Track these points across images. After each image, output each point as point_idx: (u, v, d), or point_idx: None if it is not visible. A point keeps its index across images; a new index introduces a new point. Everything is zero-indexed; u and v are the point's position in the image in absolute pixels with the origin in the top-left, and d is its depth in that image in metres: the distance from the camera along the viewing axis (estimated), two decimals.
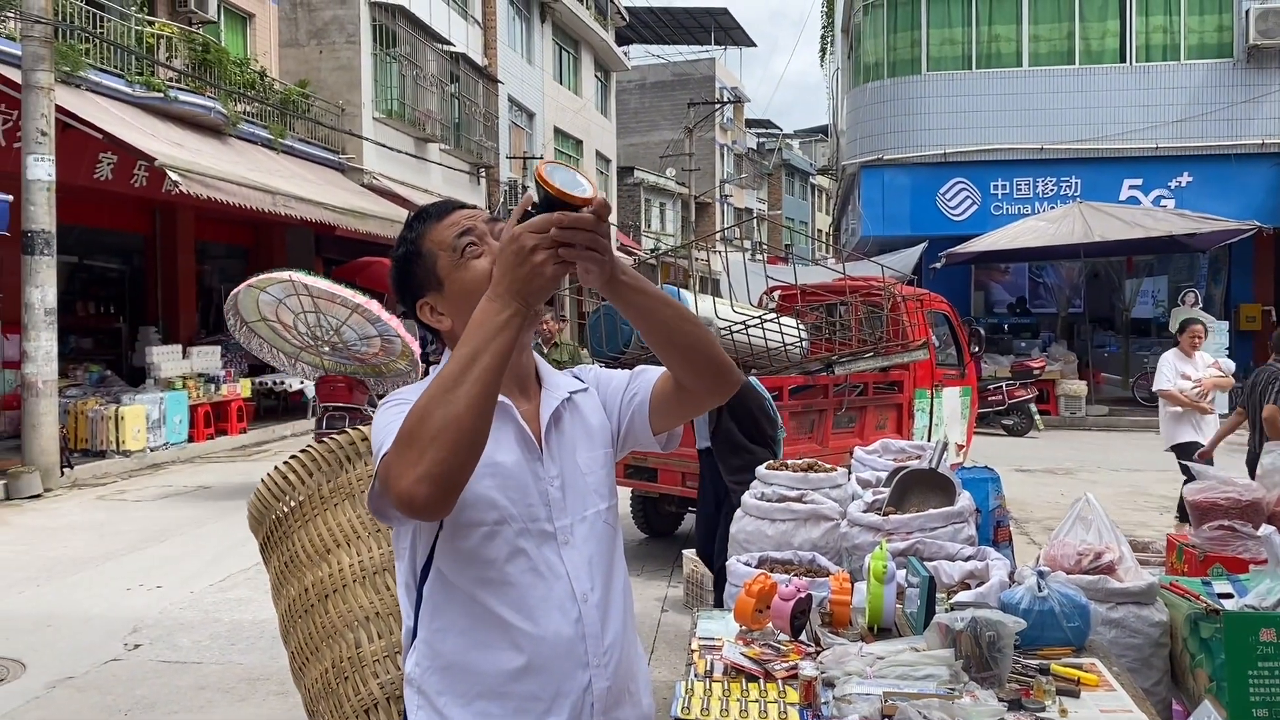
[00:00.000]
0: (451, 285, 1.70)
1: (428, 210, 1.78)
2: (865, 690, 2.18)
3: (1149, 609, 3.14)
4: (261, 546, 2.47)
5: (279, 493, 2.38)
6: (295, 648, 2.36)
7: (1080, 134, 19.68)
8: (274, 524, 2.38)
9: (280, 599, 2.40)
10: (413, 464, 1.40)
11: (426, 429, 1.41)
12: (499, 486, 1.63)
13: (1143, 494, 10.40)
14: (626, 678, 1.74)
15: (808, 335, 8.42)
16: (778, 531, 4.41)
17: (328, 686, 2.24)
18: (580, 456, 1.76)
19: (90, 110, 12.30)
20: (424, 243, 1.73)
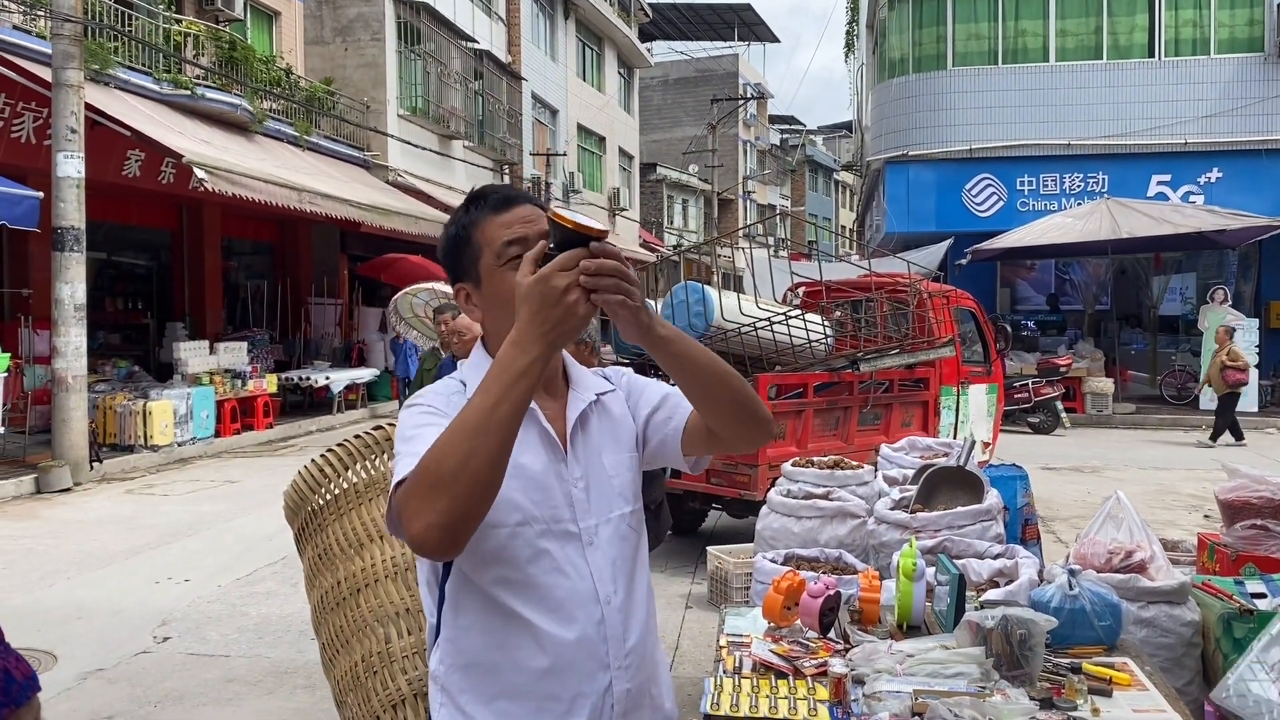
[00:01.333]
0: (488, 286, 1.69)
1: (487, 196, 1.72)
2: (895, 688, 2.17)
3: (1181, 608, 3.11)
4: (296, 537, 2.49)
5: (315, 485, 2.38)
6: (326, 639, 2.38)
7: (1108, 129, 19.51)
8: (310, 515, 2.39)
9: (313, 590, 2.42)
10: (425, 511, 1.40)
11: (441, 475, 1.41)
12: (522, 488, 1.62)
13: (1171, 493, 10.30)
14: (648, 681, 1.73)
15: (832, 332, 8.39)
16: (804, 529, 4.41)
17: (356, 679, 2.26)
18: (606, 459, 1.74)
19: (119, 108, 12.41)
20: (475, 232, 1.69)
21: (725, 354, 7.90)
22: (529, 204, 1.70)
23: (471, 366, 1.73)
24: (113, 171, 12.78)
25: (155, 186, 13.74)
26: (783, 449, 7.10)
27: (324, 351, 18.64)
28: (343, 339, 19.51)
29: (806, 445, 7.26)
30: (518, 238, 1.64)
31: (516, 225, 1.65)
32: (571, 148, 31.04)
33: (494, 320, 1.70)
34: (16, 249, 13.02)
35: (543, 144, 29.28)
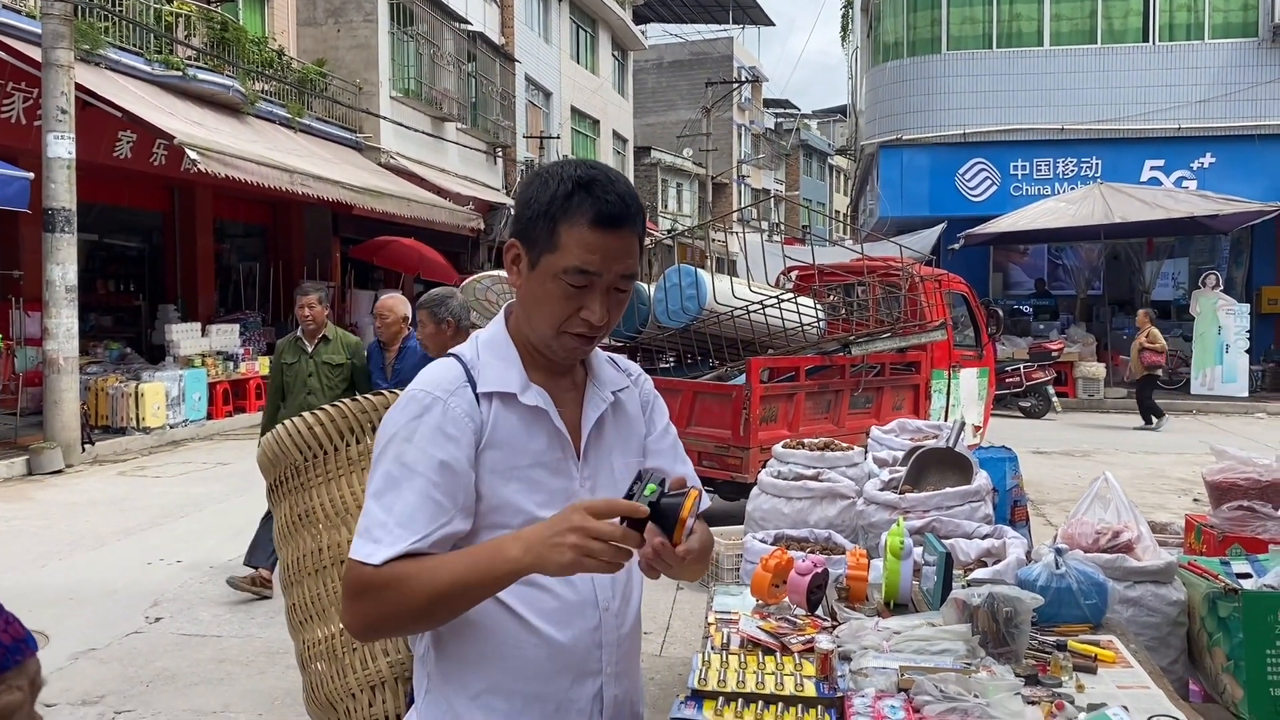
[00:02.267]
0: (538, 275, 1.59)
1: (598, 197, 1.56)
2: (881, 664, 2.19)
3: (1167, 588, 3.13)
4: (271, 488, 2.41)
5: (301, 443, 2.30)
6: (299, 601, 2.32)
7: (1101, 114, 19.50)
8: (291, 471, 2.32)
9: (288, 546, 2.35)
10: (363, 613, 1.53)
11: (393, 604, 1.50)
12: (527, 490, 1.59)
13: (1161, 476, 10.35)
14: (632, 689, 1.73)
15: (825, 315, 8.41)
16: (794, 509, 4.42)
17: (332, 652, 2.21)
18: (616, 461, 1.72)
19: (110, 88, 12.34)
20: (563, 222, 1.56)
21: (718, 337, 7.92)
22: (629, 230, 1.58)
23: (485, 345, 1.66)
24: (104, 153, 12.71)
25: (147, 168, 13.67)
26: (774, 431, 7.13)
27: None
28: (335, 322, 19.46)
29: (798, 428, 7.28)
30: (590, 270, 1.56)
31: (599, 256, 1.56)
32: (565, 131, 30.95)
33: (528, 306, 1.63)
34: (7, 230, 12.95)
35: (536, 127, 29.20)
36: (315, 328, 6.37)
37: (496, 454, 1.58)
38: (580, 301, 1.57)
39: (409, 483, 1.52)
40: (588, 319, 1.58)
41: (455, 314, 4.96)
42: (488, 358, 1.64)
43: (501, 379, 1.61)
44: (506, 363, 1.63)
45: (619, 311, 1.63)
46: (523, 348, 1.65)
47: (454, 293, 5.21)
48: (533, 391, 1.62)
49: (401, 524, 1.51)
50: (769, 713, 2.02)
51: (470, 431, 1.56)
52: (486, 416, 1.58)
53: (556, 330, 1.59)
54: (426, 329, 4.96)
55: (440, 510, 1.53)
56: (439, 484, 1.53)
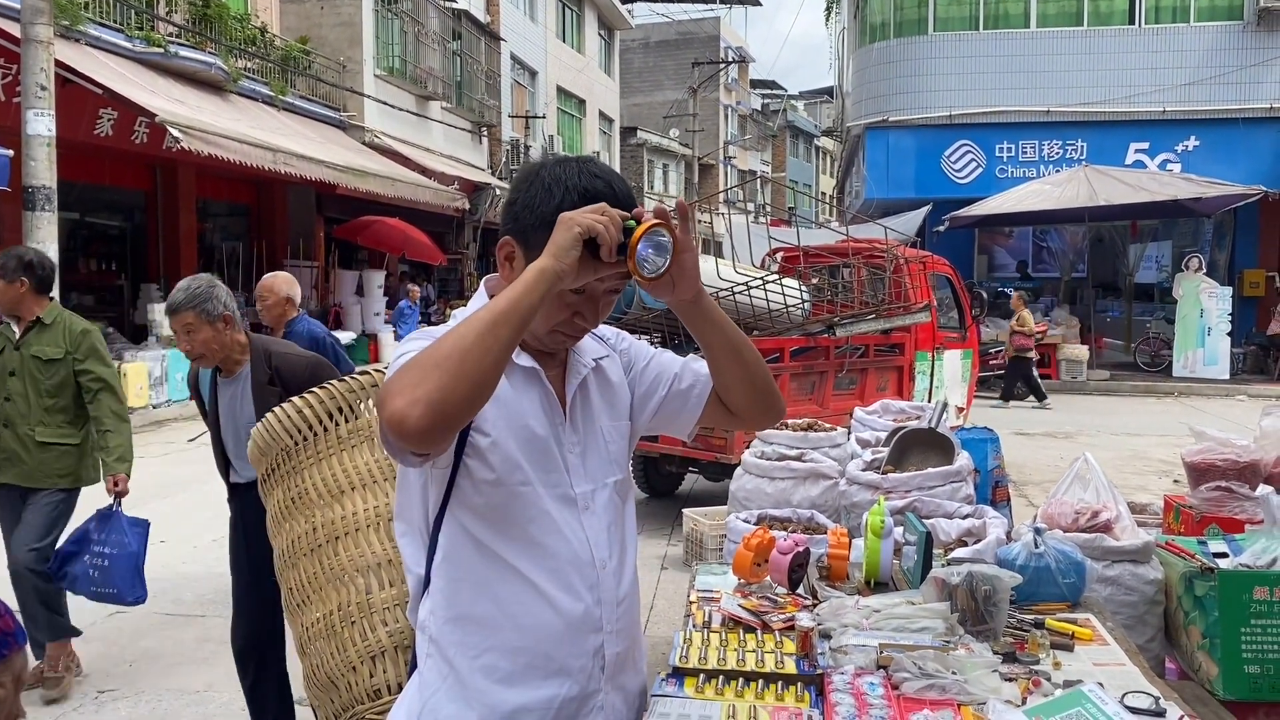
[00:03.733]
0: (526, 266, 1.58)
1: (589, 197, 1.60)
2: (861, 641, 2.21)
3: (1144, 567, 3.16)
4: (263, 479, 2.41)
5: (290, 428, 2.30)
6: (295, 584, 2.32)
7: (1087, 96, 19.53)
8: (281, 456, 2.32)
9: (280, 533, 2.35)
10: (412, 385, 1.37)
11: (434, 356, 1.40)
12: (524, 449, 1.63)
13: (1142, 458, 10.43)
14: (633, 645, 1.78)
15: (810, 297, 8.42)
16: (777, 489, 4.44)
17: (331, 629, 2.21)
18: (603, 425, 1.77)
19: (90, 65, 12.21)
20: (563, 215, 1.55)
21: None
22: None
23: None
24: (85, 130, 12.59)
25: (128, 146, 13.55)
26: None
27: None
28: (319, 302, 19.39)
29: None
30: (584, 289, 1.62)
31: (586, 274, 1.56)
32: (551, 110, 30.81)
33: None
34: None
35: (521, 106, 29.06)
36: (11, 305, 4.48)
37: (494, 409, 1.59)
38: (576, 308, 1.63)
39: (418, 348, 1.48)
40: (581, 325, 1.66)
41: (229, 305, 3.83)
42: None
43: None
44: None
45: (608, 310, 1.69)
46: None
47: (211, 280, 3.93)
48: (526, 355, 1.67)
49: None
50: (749, 689, 2.04)
51: None
52: None
53: (549, 326, 1.65)
54: (202, 334, 3.64)
55: None
56: None
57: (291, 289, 5.46)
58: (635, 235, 1.51)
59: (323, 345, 5.12)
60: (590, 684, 1.69)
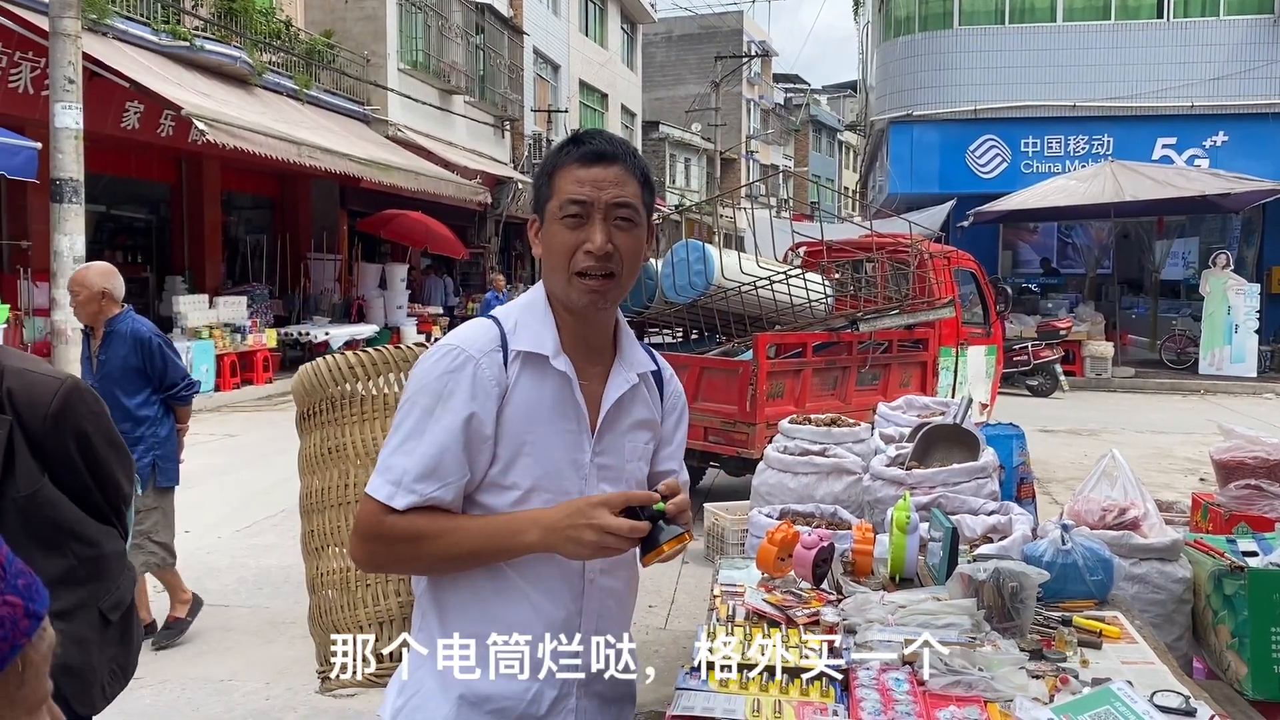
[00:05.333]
0: (546, 230, 1.71)
1: (582, 143, 1.70)
2: (886, 637, 2.19)
3: (1173, 565, 3.13)
4: (302, 416, 2.44)
5: (339, 377, 2.34)
6: (319, 528, 2.38)
7: (1114, 91, 19.35)
8: (327, 403, 2.36)
9: (312, 473, 2.40)
10: (374, 554, 1.66)
11: (406, 556, 1.65)
12: (537, 457, 1.66)
13: (1167, 456, 10.34)
14: (614, 656, 1.76)
15: (833, 292, 8.39)
16: (800, 485, 4.42)
17: (346, 583, 2.28)
18: (629, 443, 1.77)
19: (117, 58, 12.30)
20: (555, 174, 1.69)
21: (725, 312, 7.91)
22: (617, 165, 1.68)
23: (525, 307, 1.74)
24: (111, 123, 12.68)
25: (154, 139, 13.65)
26: (780, 407, 7.12)
27: (323, 307, 18.63)
28: (342, 295, 19.48)
29: (804, 404, 7.28)
30: (580, 200, 1.65)
31: (588, 187, 1.65)
32: (573, 104, 30.80)
33: (546, 261, 1.71)
34: (15, 200, 12.96)
35: (544, 100, 29.06)
36: None
37: (516, 415, 1.64)
38: (581, 235, 1.65)
39: (434, 435, 1.61)
40: (589, 248, 1.64)
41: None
42: (526, 318, 1.71)
43: (536, 339, 1.68)
44: (543, 325, 1.70)
45: (629, 248, 1.68)
46: (558, 314, 1.71)
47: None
48: (563, 359, 1.68)
49: (423, 474, 1.60)
50: (774, 684, 2.03)
51: (495, 396, 1.63)
52: (512, 379, 1.65)
53: (568, 272, 1.66)
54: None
55: (460, 466, 1.62)
56: (462, 440, 1.61)
57: (108, 281, 4.82)
58: (668, 546, 1.60)
59: (147, 347, 4.78)
60: (564, 687, 1.71)
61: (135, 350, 4.75)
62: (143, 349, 4.75)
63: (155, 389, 4.88)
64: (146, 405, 4.86)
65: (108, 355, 4.77)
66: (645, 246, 1.74)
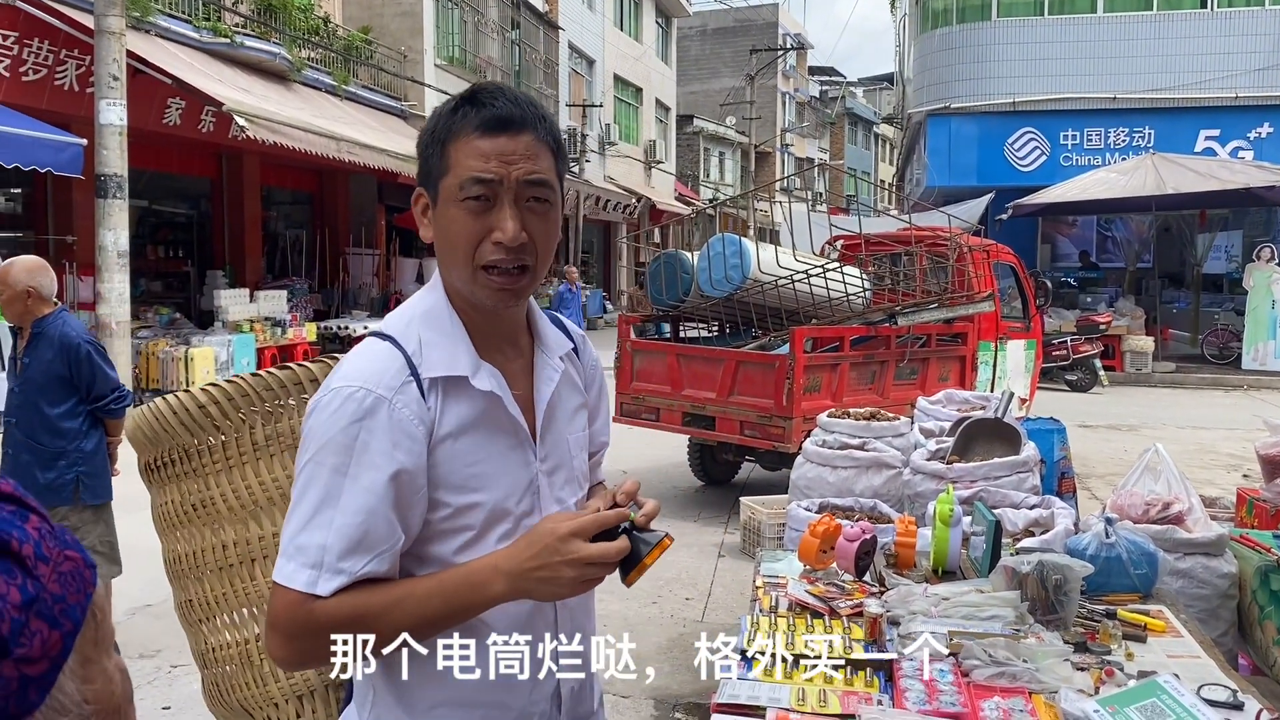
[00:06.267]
0: (440, 212, 1.44)
1: (481, 105, 1.40)
2: (931, 628, 2.20)
3: (1218, 560, 3.11)
4: (149, 467, 2.03)
5: (191, 424, 1.91)
6: (197, 599, 1.98)
7: (1155, 83, 19.09)
8: (179, 454, 1.95)
9: (178, 535, 2.00)
10: (302, 650, 1.35)
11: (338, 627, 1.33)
12: (485, 485, 1.43)
13: (1210, 452, 10.21)
14: (589, 684, 1.61)
15: (870, 285, 8.36)
16: (839, 478, 4.43)
17: (248, 658, 1.91)
18: (570, 436, 1.56)
19: (160, 56, 12.46)
20: (450, 143, 1.41)
21: (761, 306, 7.90)
22: (527, 133, 1.39)
23: (423, 319, 1.45)
24: (154, 119, 12.87)
25: (196, 135, 13.83)
26: (817, 402, 7.11)
27: (362, 301, 18.79)
28: (380, 289, 19.63)
29: (842, 399, 7.27)
30: (486, 178, 1.37)
31: (494, 162, 1.37)
32: (608, 99, 30.82)
33: (440, 250, 1.45)
34: (61, 196, 13.17)
35: (579, 95, 29.10)
36: None
37: (448, 451, 1.39)
38: (487, 221, 1.38)
39: (352, 498, 1.32)
40: (499, 239, 1.37)
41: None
42: (430, 335, 1.42)
43: (449, 361, 1.41)
44: (453, 339, 1.43)
45: (544, 235, 1.43)
46: (463, 314, 1.45)
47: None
48: (484, 372, 1.43)
49: (348, 549, 1.32)
50: (818, 674, 2.04)
51: (421, 438, 1.36)
52: (435, 410, 1.39)
53: (472, 266, 1.40)
54: None
55: (391, 530, 1.35)
56: (389, 499, 1.34)
57: (36, 279, 4.38)
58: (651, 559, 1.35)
59: (75, 354, 4.34)
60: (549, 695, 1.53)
61: (61, 356, 4.31)
62: (69, 355, 4.31)
63: (82, 399, 4.41)
64: (71, 416, 4.39)
65: (32, 359, 4.37)
66: (559, 229, 1.48)
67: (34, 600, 0.67)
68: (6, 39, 11.02)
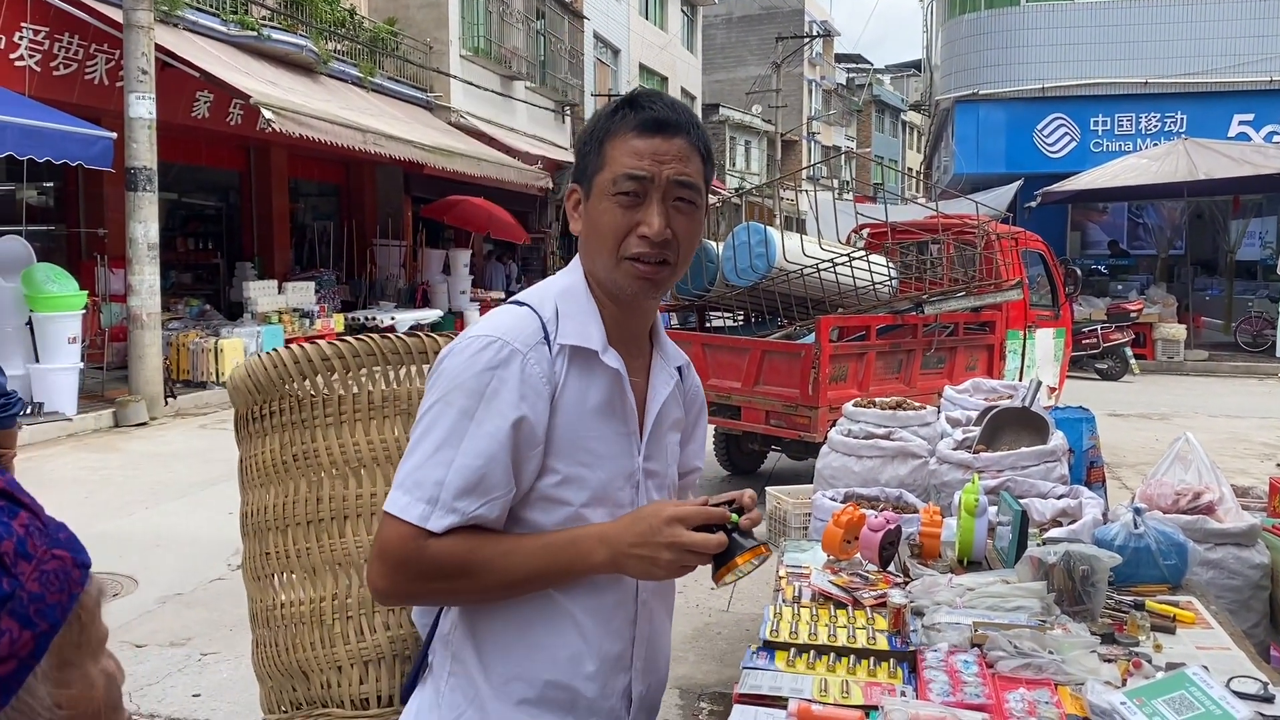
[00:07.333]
0: (592, 206, 1.51)
1: (640, 108, 1.48)
2: (955, 619, 2.18)
3: (1249, 551, 3.07)
4: (249, 418, 1.99)
5: (307, 370, 1.90)
6: (275, 550, 1.95)
7: (1188, 67, 18.83)
8: (290, 402, 1.93)
9: (268, 484, 1.96)
10: (407, 587, 1.42)
11: (450, 588, 1.42)
12: (594, 467, 1.48)
13: (1242, 441, 10.09)
14: (658, 686, 1.65)
15: (897, 274, 8.30)
16: (864, 468, 4.41)
17: (319, 617, 1.89)
18: (669, 443, 1.62)
19: (188, 49, 12.55)
20: (607, 142, 1.49)
21: (787, 295, 7.87)
22: (680, 137, 1.47)
23: (562, 295, 1.52)
24: (182, 113, 12.97)
25: (224, 128, 13.93)
26: (843, 391, 7.08)
27: (389, 292, 18.88)
28: (407, 280, 19.72)
29: (868, 388, 7.23)
30: (639, 175, 1.45)
31: (647, 160, 1.45)
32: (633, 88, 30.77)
33: (587, 240, 1.52)
34: (92, 189, 13.31)
35: (604, 84, 29.06)
36: None
37: (568, 419, 1.45)
38: (635, 216, 1.46)
39: (475, 442, 1.38)
40: (645, 233, 1.45)
41: None
42: (566, 308, 1.49)
43: (582, 333, 1.48)
44: (587, 316, 1.50)
45: (688, 234, 1.49)
46: (598, 300, 1.52)
47: None
48: (612, 353, 1.49)
49: (464, 489, 1.38)
50: (841, 664, 2.03)
51: (546, 396, 1.43)
52: (561, 375, 1.45)
53: (616, 256, 1.47)
54: None
55: (507, 478, 1.41)
56: (509, 447, 1.39)
57: None
58: (743, 559, 1.42)
59: None
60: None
61: None
62: None
63: None
64: None
65: None
66: (702, 230, 1.55)
67: (7, 598, 0.66)
68: (38, 34, 11.14)
